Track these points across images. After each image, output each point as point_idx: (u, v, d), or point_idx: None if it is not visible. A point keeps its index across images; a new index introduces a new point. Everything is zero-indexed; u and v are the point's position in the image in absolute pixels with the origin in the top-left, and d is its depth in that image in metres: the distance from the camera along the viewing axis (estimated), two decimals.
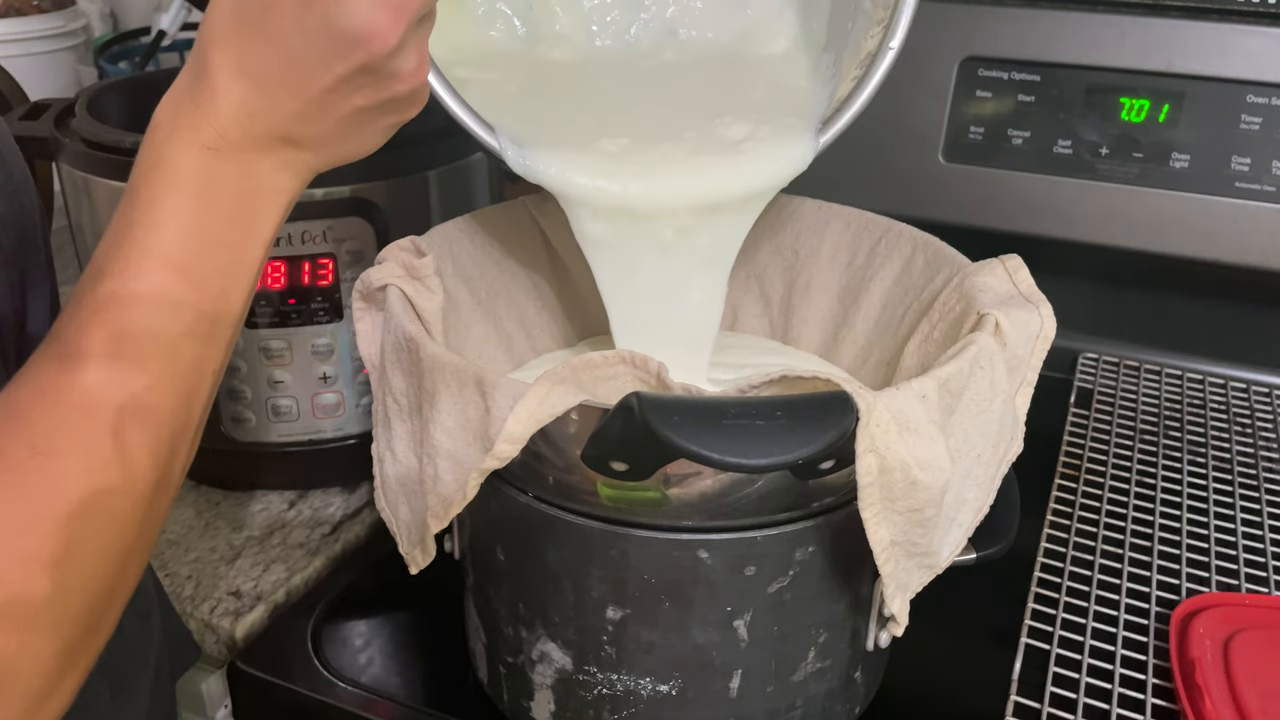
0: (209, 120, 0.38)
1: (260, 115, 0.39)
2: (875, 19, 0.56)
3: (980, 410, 0.46)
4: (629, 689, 0.50)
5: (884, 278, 0.62)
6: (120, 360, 0.37)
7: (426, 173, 0.70)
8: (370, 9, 0.37)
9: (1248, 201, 0.76)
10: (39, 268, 0.47)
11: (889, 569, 0.44)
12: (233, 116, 0.38)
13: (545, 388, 0.41)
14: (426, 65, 0.41)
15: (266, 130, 0.39)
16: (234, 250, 0.40)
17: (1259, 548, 0.67)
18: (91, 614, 0.36)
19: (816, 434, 0.38)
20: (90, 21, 1.35)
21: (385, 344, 0.51)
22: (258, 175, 0.40)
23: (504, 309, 0.64)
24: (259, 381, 0.70)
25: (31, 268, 0.46)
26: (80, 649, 0.36)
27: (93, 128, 0.68)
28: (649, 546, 0.47)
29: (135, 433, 0.37)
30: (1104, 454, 0.76)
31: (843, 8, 0.60)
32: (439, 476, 0.46)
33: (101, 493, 0.36)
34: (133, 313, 0.37)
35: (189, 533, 0.72)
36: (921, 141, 0.82)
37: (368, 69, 0.38)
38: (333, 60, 0.38)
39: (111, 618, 0.38)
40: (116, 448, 0.36)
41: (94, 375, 0.36)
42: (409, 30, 0.38)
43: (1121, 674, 0.57)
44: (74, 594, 0.35)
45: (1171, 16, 0.75)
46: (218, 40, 0.38)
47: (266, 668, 0.61)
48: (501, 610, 0.53)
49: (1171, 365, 0.88)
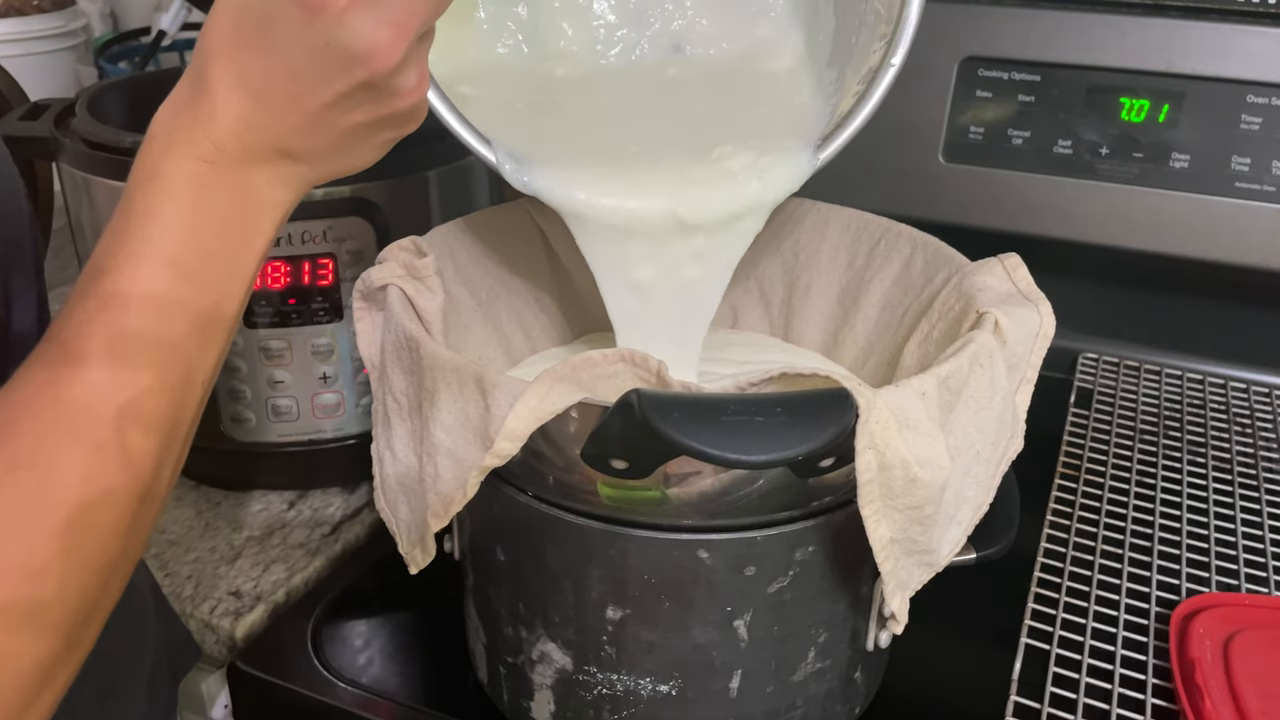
0: (206, 133, 0.38)
1: (259, 129, 0.38)
2: (878, 34, 0.56)
3: (980, 408, 0.46)
4: (629, 689, 0.50)
5: (884, 278, 0.62)
6: (121, 362, 0.37)
7: (427, 173, 0.70)
8: (373, 27, 0.37)
9: (1248, 201, 0.76)
10: (25, 275, 0.47)
11: (888, 567, 0.44)
12: (231, 130, 0.38)
13: (545, 385, 0.41)
14: (426, 82, 0.41)
15: (265, 144, 0.39)
16: (229, 260, 0.40)
17: (1259, 548, 0.67)
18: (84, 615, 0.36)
19: (816, 430, 0.38)
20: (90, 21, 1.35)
21: (385, 343, 0.51)
22: (254, 187, 0.40)
23: (503, 310, 0.64)
24: (259, 381, 0.70)
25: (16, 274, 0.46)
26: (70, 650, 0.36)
27: (93, 128, 0.68)
28: (649, 546, 0.47)
29: (136, 434, 0.37)
30: (1104, 454, 0.76)
31: (847, 23, 0.60)
32: (439, 475, 0.46)
33: (102, 493, 0.36)
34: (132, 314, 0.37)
35: (189, 533, 0.72)
36: (921, 141, 0.82)
37: (369, 86, 0.38)
38: (334, 77, 0.38)
39: (100, 619, 0.38)
40: (118, 449, 0.36)
41: (95, 376, 0.36)
42: (410, 48, 0.38)
43: (1121, 674, 0.57)
44: (71, 595, 0.35)
45: (1171, 16, 0.75)
46: (217, 53, 0.38)
47: (266, 668, 0.61)
48: (501, 610, 0.53)
49: (1171, 365, 0.88)
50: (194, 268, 0.39)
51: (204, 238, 0.39)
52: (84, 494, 0.35)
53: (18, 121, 0.73)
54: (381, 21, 0.37)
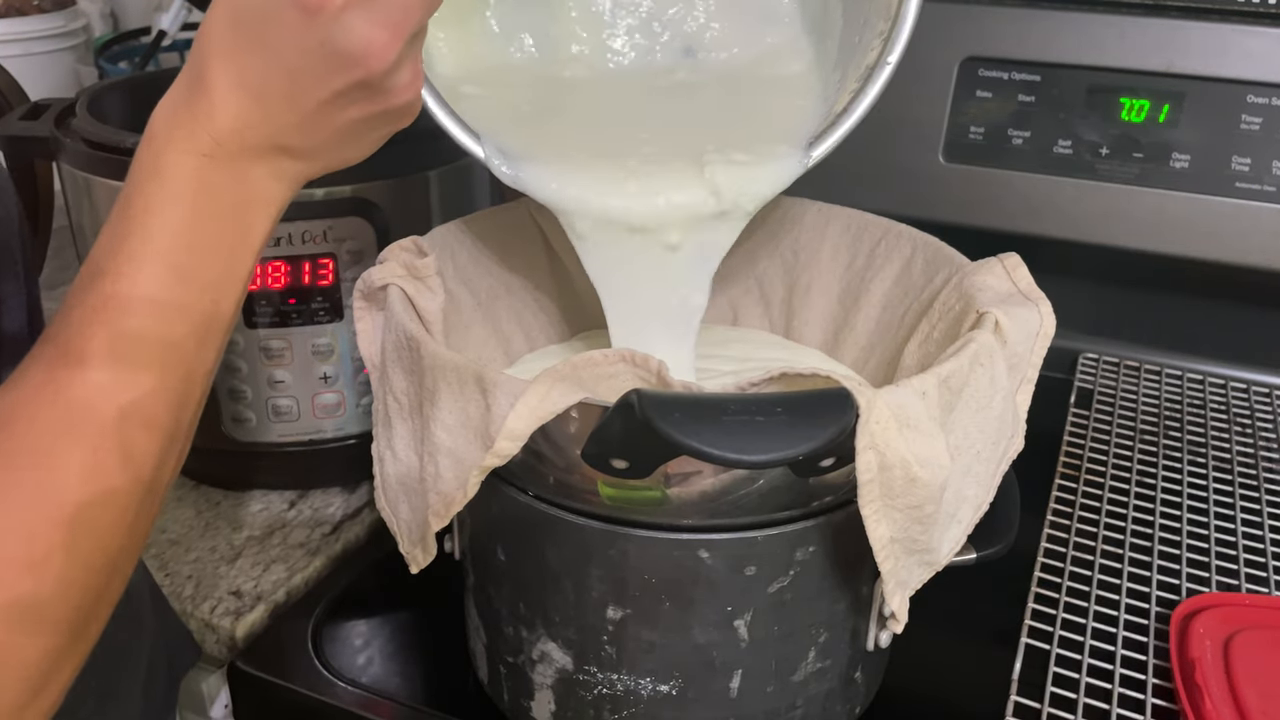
0: (205, 129, 0.39)
1: (257, 126, 0.39)
2: (877, 31, 0.56)
3: (980, 407, 0.46)
4: (629, 689, 0.50)
5: (884, 279, 0.62)
6: (121, 362, 0.37)
7: (427, 173, 0.70)
8: (368, 28, 0.37)
9: (1248, 201, 0.76)
10: (15, 278, 0.47)
11: (889, 566, 0.44)
12: (229, 127, 0.39)
13: (545, 385, 0.41)
14: (420, 79, 0.42)
15: (262, 140, 0.40)
16: (227, 256, 0.40)
17: (1259, 548, 0.67)
18: (85, 612, 0.36)
19: (817, 430, 0.38)
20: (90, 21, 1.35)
21: (386, 343, 0.51)
22: (251, 182, 0.40)
23: (503, 310, 0.64)
24: (259, 381, 0.70)
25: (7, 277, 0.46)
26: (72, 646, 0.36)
27: (93, 128, 0.68)
28: (649, 546, 0.47)
29: (137, 433, 0.37)
30: (1104, 454, 0.76)
31: (853, 23, 0.59)
32: (440, 474, 0.46)
33: (103, 493, 0.36)
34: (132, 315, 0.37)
35: (189, 533, 0.72)
36: (921, 141, 0.82)
37: (364, 85, 0.39)
38: (330, 76, 0.38)
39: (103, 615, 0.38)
40: (119, 448, 0.36)
41: (95, 376, 0.36)
42: (404, 47, 0.39)
43: (1121, 674, 0.56)
44: (72, 592, 0.35)
45: (1171, 16, 0.75)
46: (215, 52, 0.39)
47: (267, 668, 0.61)
48: (502, 610, 0.53)
49: (1171, 365, 0.88)
50: (193, 265, 0.39)
51: (203, 231, 0.39)
52: (84, 493, 0.35)
53: (18, 121, 0.73)
54: (376, 22, 0.37)
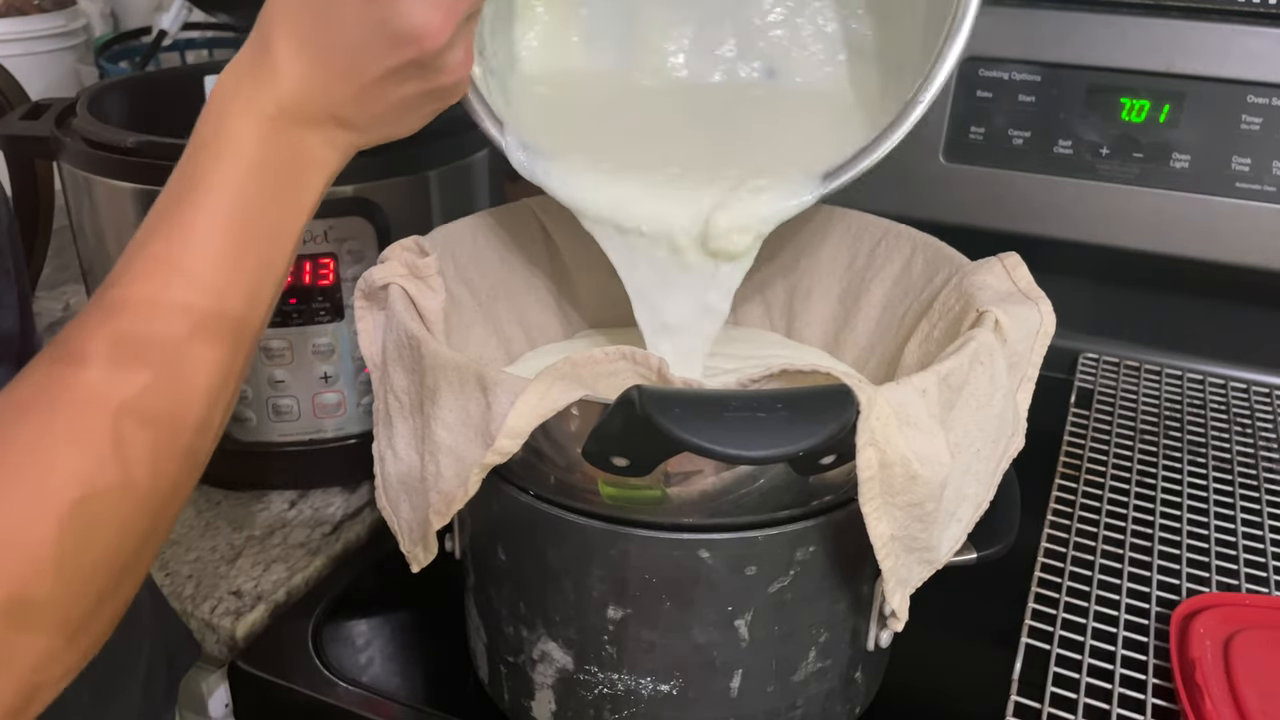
0: (269, 94, 0.41)
1: (317, 95, 0.42)
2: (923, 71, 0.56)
3: (980, 405, 0.46)
4: (630, 689, 0.50)
5: (884, 279, 0.62)
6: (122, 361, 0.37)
7: (428, 172, 0.70)
8: (425, 10, 0.40)
9: (1248, 201, 0.76)
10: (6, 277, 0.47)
11: (889, 564, 0.44)
12: (292, 93, 0.41)
13: (546, 383, 0.41)
14: (471, 59, 0.44)
15: (321, 110, 0.42)
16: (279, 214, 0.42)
17: (1259, 548, 0.67)
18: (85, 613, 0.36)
19: (817, 426, 0.38)
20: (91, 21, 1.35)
21: (387, 342, 0.51)
22: (307, 148, 0.42)
23: (504, 310, 0.64)
24: (259, 381, 0.70)
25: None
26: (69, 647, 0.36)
27: (94, 127, 0.68)
28: (650, 546, 0.47)
29: (137, 432, 0.37)
30: (1104, 454, 0.76)
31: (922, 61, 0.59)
32: (441, 473, 0.46)
33: (101, 491, 0.36)
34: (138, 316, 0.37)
35: (189, 532, 0.72)
36: (921, 141, 0.82)
37: (418, 63, 0.42)
38: (387, 54, 0.41)
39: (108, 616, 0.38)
40: (115, 446, 0.36)
41: (95, 374, 0.36)
42: (458, 28, 0.41)
43: (1122, 674, 0.56)
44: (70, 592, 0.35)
45: (1171, 16, 0.75)
46: (281, 20, 0.41)
47: (267, 667, 0.61)
48: (502, 610, 0.53)
49: (1171, 365, 0.88)
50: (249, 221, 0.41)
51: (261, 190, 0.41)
52: (82, 493, 0.35)
53: (18, 121, 0.73)
54: (433, 4, 0.40)
